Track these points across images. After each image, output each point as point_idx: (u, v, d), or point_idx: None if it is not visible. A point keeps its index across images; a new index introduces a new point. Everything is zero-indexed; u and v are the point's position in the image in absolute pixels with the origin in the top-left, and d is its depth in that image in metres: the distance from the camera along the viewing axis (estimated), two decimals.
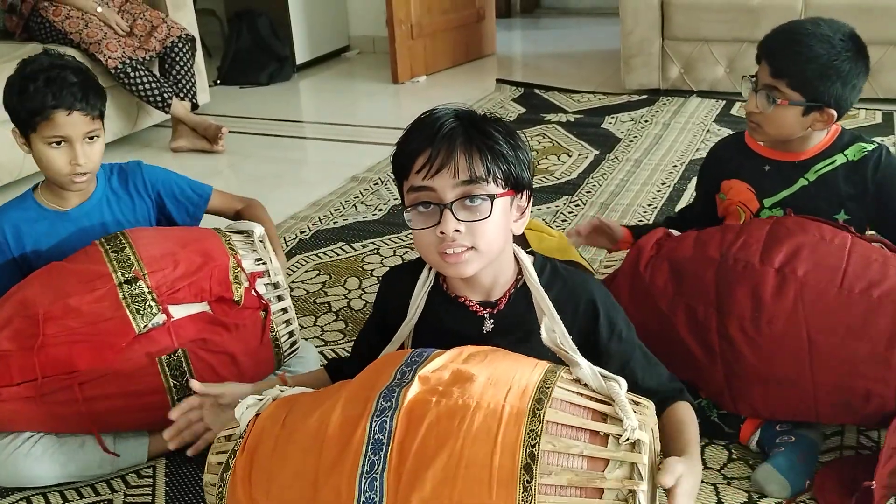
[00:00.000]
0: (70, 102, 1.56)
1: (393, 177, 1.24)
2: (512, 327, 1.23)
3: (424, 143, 1.14)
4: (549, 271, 1.26)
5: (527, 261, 1.25)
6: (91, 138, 1.61)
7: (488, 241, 1.15)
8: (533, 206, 2.66)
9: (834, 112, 1.56)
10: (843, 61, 1.54)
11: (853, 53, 1.55)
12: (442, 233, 1.12)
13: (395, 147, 1.20)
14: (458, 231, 1.13)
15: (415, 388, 1.02)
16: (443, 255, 1.15)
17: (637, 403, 1.06)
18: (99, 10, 3.33)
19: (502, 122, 1.20)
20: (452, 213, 1.12)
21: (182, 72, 3.49)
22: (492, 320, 1.24)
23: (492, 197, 1.14)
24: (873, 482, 1.28)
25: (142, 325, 1.45)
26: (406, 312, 1.26)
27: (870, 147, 1.63)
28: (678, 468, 1.02)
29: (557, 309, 1.19)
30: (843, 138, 1.65)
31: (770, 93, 1.57)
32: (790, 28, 1.61)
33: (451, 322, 1.25)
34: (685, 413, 1.23)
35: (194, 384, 1.36)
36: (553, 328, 1.15)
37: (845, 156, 1.63)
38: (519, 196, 1.21)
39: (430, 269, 1.27)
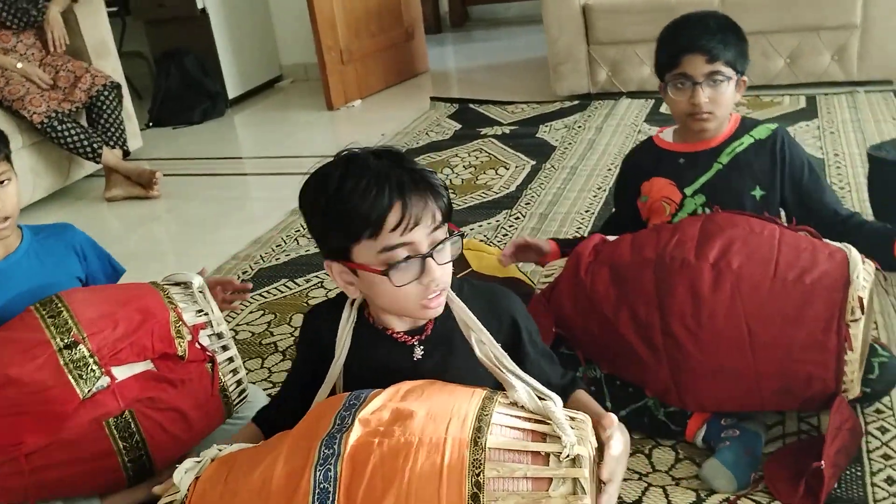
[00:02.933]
0: None
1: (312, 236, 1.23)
2: (442, 350, 1.26)
3: (393, 198, 1.11)
4: (468, 290, 1.29)
5: None
6: (1, 182, 1.61)
7: (451, 277, 1.21)
8: (474, 222, 2.73)
9: (746, 79, 1.76)
10: (743, 34, 1.75)
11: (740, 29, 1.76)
12: (430, 281, 1.15)
13: (338, 213, 1.13)
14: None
15: (356, 432, 1.02)
16: (427, 301, 1.17)
17: (573, 419, 1.08)
18: (19, 65, 3.27)
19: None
20: (435, 260, 1.15)
21: (110, 120, 3.44)
22: (421, 347, 1.26)
23: (461, 235, 1.20)
24: (822, 462, 1.32)
25: (86, 390, 1.42)
26: (333, 352, 1.27)
27: (773, 126, 1.80)
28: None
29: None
30: (745, 124, 1.82)
31: (715, 77, 1.70)
32: (693, 20, 1.76)
33: (382, 355, 1.26)
34: (587, 397, 1.33)
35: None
36: (482, 339, 1.19)
37: (752, 136, 1.79)
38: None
39: (352, 304, 1.28)
